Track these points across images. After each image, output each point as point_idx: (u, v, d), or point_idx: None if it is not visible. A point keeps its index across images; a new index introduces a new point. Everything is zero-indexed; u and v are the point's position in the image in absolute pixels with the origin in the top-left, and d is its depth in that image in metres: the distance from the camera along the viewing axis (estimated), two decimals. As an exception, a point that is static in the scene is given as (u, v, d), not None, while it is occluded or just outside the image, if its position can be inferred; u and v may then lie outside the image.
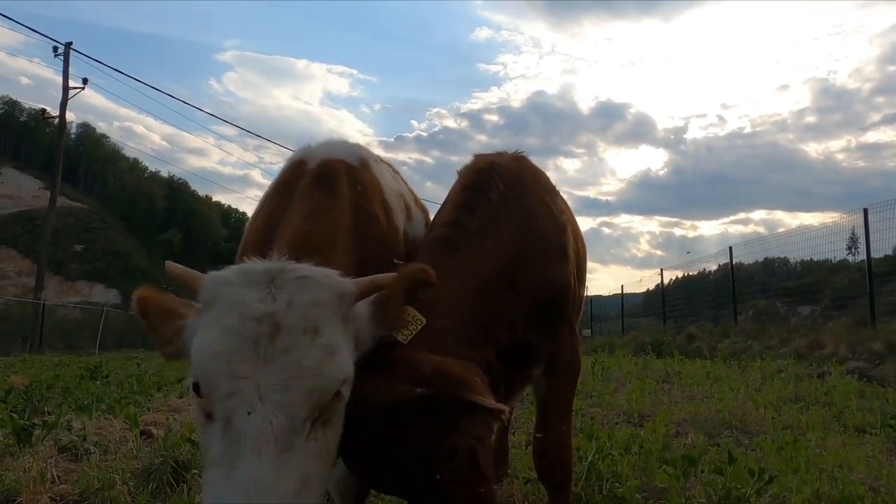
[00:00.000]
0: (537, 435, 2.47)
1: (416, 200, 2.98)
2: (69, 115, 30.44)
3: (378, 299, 1.70)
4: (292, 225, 1.99)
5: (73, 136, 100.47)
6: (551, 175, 3.38)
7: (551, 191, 2.64)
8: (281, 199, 2.25)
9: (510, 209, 2.32)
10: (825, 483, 3.51)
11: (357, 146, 2.63)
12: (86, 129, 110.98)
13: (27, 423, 4.33)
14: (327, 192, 2.14)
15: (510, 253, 2.22)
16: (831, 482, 3.56)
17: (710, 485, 3.10)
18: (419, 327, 1.73)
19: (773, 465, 3.47)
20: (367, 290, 1.62)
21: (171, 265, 1.60)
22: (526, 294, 2.22)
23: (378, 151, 3.23)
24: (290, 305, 1.44)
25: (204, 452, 1.42)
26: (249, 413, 1.33)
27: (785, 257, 26.38)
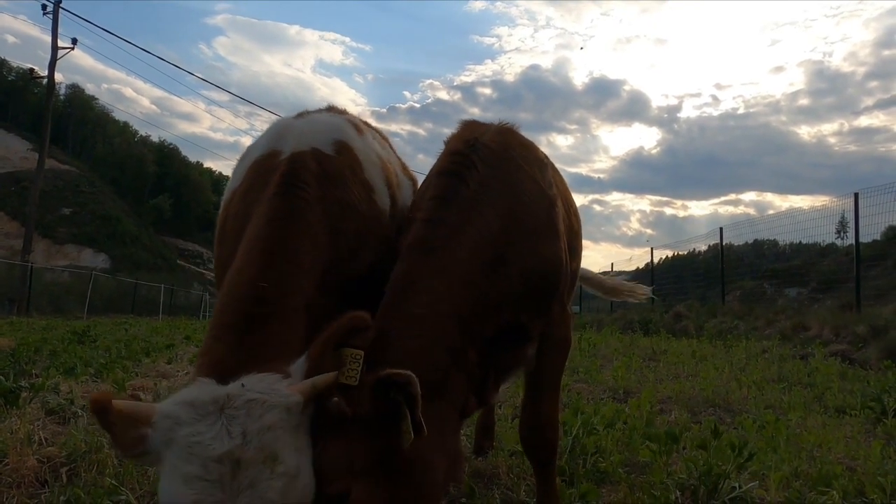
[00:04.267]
0: (525, 410, 2.46)
1: (405, 169, 2.92)
2: (57, 76, 29.95)
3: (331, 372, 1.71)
4: (251, 254, 1.95)
5: (61, 97, 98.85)
6: (544, 151, 3.35)
7: (540, 164, 2.50)
8: (248, 189, 2.24)
9: (493, 190, 2.22)
10: (804, 461, 3.58)
11: (338, 121, 2.53)
12: (75, 90, 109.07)
13: (14, 385, 4.33)
14: (291, 197, 2.08)
15: (495, 237, 2.13)
16: (810, 461, 3.63)
17: (692, 461, 3.16)
18: (359, 362, 1.68)
19: (753, 443, 3.52)
20: (310, 395, 1.62)
21: (116, 403, 1.53)
22: (515, 276, 2.17)
23: (371, 122, 3.18)
24: (244, 437, 1.46)
25: None
26: None
27: (774, 239, 26.58)
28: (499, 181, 2.24)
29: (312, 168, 2.18)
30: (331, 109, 2.92)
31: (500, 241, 2.14)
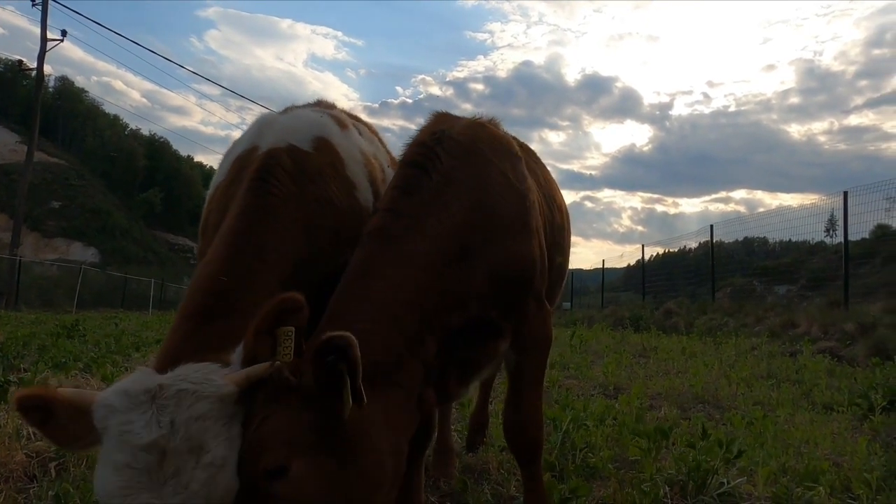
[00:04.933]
0: (507, 409, 2.43)
1: (394, 163, 2.90)
2: (46, 68, 29.69)
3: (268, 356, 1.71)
4: (218, 248, 2.00)
5: (51, 89, 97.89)
6: (535, 147, 3.34)
7: (512, 158, 2.44)
8: (229, 184, 2.26)
9: (458, 183, 2.18)
10: (791, 457, 3.61)
11: (320, 117, 2.52)
12: (64, 82, 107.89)
13: (2, 379, 4.30)
14: (262, 193, 2.10)
15: (460, 230, 2.09)
16: (797, 457, 3.67)
17: (681, 457, 3.18)
18: (291, 338, 1.66)
19: (742, 439, 3.55)
20: (245, 385, 1.62)
21: (61, 391, 1.57)
22: (481, 271, 2.13)
23: (362, 117, 3.17)
24: (172, 427, 1.48)
25: None
26: None
27: (764, 237, 26.77)
28: (464, 174, 2.21)
29: (286, 164, 2.19)
30: (319, 104, 2.91)
31: (466, 234, 2.11)
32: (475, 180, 2.21)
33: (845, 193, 14.51)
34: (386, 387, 1.79)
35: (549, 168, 3.27)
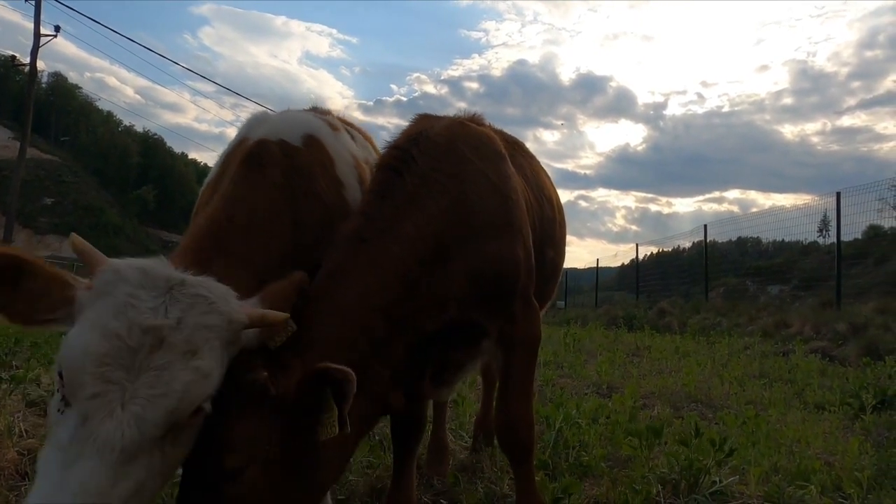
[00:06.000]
0: (497, 410, 2.40)
1: None
2: (39, 64, 29.51)
3: (266, 331, 1.70)
4: (208, 212, 1.98)
5: (44, 85, 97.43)
6: (530, 146, 3.33)
7: (494, 157, 2.39)
8: (219, 177, 2.25)
9: (435, 184, 2.14)
10: (783, 457, 3.64)
11: (312, 119, 2.52)
12: (57, 78, 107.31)
13: (-6, 376, 4.27)
14: (250, 179, 2.08)
15: (436, 233, 2.05)
16: (789, 456, 3.69)
17: (673, 455, 3.20)
18: (289, 333, 1.69)
19: (734, 438, 3.57)
20: (256, 323, 1.62)
21: (74, 237, 1.54)
22: (460, 275, 2.10)
23: (357, 115, 3.20)
24: (178, 323, 1.44)
25: (51, 425, 1.43)
26: (105, 418, 1.34)
27: (758, 237, 26.89)
28: (442, 175, 2.17)
29: (276, 154, 2.17)
30: (314, 110, 2.91)
31: (443, 236, 2.08)
32: (452, 181, 2.18)
33: (838, 194, 14.57)
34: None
35: (544, 167, 3.27)
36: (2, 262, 1.45)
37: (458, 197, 2.15)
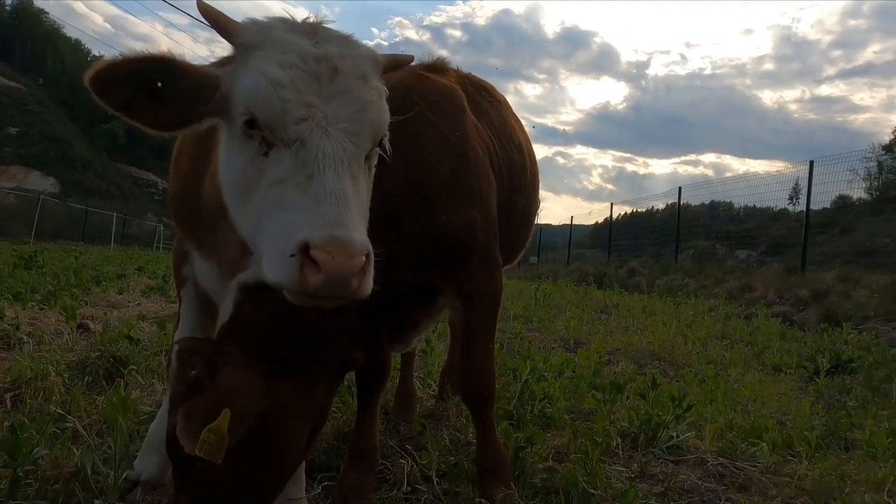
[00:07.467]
0: (458, 362, 2.40)
1: None
2: (4, -16, 28.01)
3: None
4: None
5: (7, 7, 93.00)
6: (511, 99, 3.25)
7: (453, 111, 2.26)
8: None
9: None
10: (739, 415, 3.77)
11: None
12: (22, 2, 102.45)
13: (-45, 308, 4.19)
14: None
15: (386, 195, 1.89)
16: (744, 414, 3.83)
17: (634, 409, 3.29)
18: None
19: (693, 395, 3.68)
20: (390, 64, 1.67)
21: (202, 3, 1.51)
22: (412, 240, 2.04)
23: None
24: (341, 54, 1.47)
25: (254, 181, 1.41)
26: (323, 137, 1.37)
27: (730, 202, 27.32)
28: (394, 133, 2.01)
29: None
30: None
31: (394, 199, 1.98)
32: (405, 140, 1.99)
33: (811, 163, 14.77)
34: (303, 363, 1.73)
35: (523, 122, 3.21)
36: (153, 65, 1.42)
37: (407, 156, 2.00)
